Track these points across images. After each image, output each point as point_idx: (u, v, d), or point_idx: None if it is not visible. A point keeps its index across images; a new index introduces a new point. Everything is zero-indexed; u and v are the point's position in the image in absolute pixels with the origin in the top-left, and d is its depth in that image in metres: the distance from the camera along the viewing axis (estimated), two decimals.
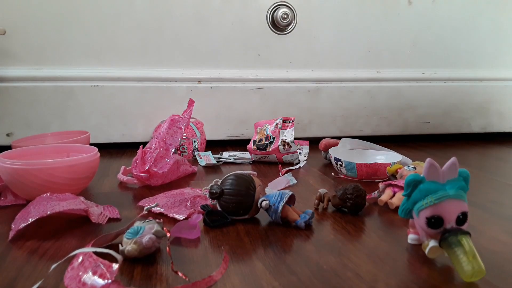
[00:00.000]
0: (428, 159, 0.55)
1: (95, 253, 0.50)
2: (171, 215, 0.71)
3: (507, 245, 0.62)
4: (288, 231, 0.67)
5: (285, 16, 1.38)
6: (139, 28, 1.31)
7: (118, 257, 0.47)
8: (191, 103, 1.00)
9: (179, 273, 0.51)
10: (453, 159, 0.55)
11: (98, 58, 1.32)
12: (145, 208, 0.64)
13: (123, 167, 0.99)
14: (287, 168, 1.09)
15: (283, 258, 0.57)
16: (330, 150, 1.07)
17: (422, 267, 0.55)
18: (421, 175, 0.82)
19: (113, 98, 1.34)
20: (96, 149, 0.87)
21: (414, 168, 0.84)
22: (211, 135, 1.40)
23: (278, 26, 1.40)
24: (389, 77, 1.51)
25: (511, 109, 1.63)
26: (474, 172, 0.85)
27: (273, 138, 1.16)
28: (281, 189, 0.90)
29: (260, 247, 0.60)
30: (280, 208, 0.68)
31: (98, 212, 0.69)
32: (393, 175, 0.92)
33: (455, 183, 0.55)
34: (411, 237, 0.62)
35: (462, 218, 0.53)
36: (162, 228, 0.57)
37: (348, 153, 1.09)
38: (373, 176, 0.98)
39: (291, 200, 0.72)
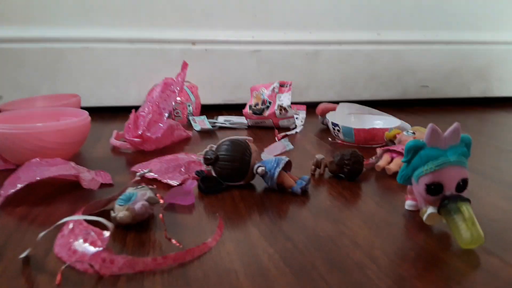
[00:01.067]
0: (430, 125, 0.53)
1: (86, 220, 0.49)
2: (165, 181, 0.69)
3: (506, 212, 0.62)
4: (284, 197, 0.66)
5: None
6: None
7: (109, 225, 0.45)
8: (185, 65, 0.96)
9: (173, 240, 0.50)
10: (455, 124, 0.53)
11: (88, 17, 1.26)
12: (137, 174, 0.62)
13: (115, 131, 0.97)
14: (283, 133, 1.07)
15: (278, 224, 0.56)
16: (327, 115, 1.05)
17: (419, 234, 0.54)
18: (421, 140, 0.80)
19: (104, 60, 1.29)
20: (87, 113, 0.84)
21: (413, 133, 0.83)
22: (206, 99, 1.37)
23: None
24: (389, 40, 1.46)
25: (511, 74, 1.60)
26: (473, 137, 0.84)
27: (270, 103, 1.13)
28: (277, 155, 0.89)
29: (256, 214, 0.59)
30: (276, 174, 0.66)
31: (89, 178, 0.68)
32: (391, 141, 0.91)
33: (457, 149, 0.53)
34: (408, 203, 0.61)
35: (462, 185, 0.52)
36: (155, 195, 0.56)
37: (346, 118, 1.07)
38: (370, 142, 0.96)
39: (287, 166, 0.71)
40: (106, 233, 0.46)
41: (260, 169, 0.67)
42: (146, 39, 1.30)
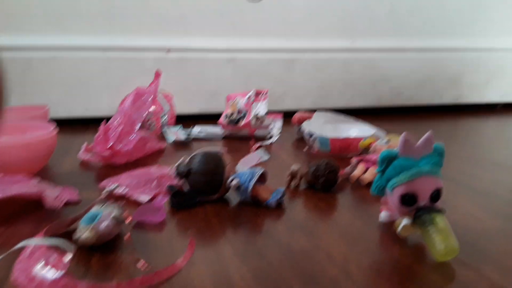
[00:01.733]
0: (403, 134, 0.52)
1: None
2: (134, 196, 0.67)
3: (479, 220, 0.62)
4: (259, 211, 0.64)
5: None
6: None
7: (69, 248, 0.43)
8: (157, 75, 0.94)
9: (140, 262, 0.47)
10: (428, 133, 0.53)
11: (58, 24, 1.22)
12: (104, 190, 0.60)
13: (85, 144, 0.94)
14: (259, 144, 1.06)
15: (253, 240, 0.54)
16: (303, 124, 1.04)
17: (394, 246, 0.53)
18: (395, 149, 0.80)
19: (75, 69, 1.25)
20: (54, 125, 0.81)
21: (388, 142, 0.83)
22: (182, 109, 1.35)
23: None
24: (364, 47, 1.48)
25: (482, 80, 1.64)
26: (446, 143, 0.85)
27: (245, 112, 1.12)
28: (252, 166, 0.87)
29: (229, 229, 0.58)
30: (250, 187, 0.65)
31: (53, 195, 0.64)
32: (366, 149, 0.91)
33: (430, 158, 0.53)
34: (383, 215, 0.61)
35: (436, 195, 0.52)
36: (123, 212, 0.53)
37: (322, 127, 1.07)
38: (346, 151, 0.96)
39: (262, 178, 0.69)
40: (66, 257, 0.43)
41: (234, 182, 0.65)
42: (119, 47, 1.27)
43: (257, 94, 1.14)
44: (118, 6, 1.24)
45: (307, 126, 1.02)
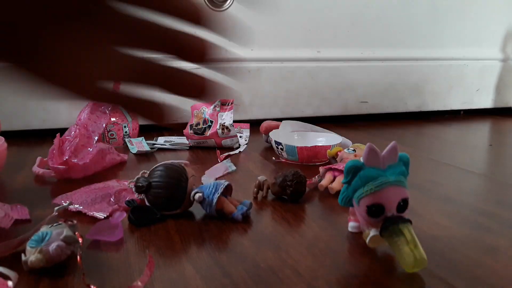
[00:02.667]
0: (368, 144, 0.51)
1: None
2: (90, 213, 0.62)
3: (446, 228, 0.62)
4: (224, 225, 0.61)
5: None
6: None
7: (12, 274, 0.38)
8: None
9: (92, 287, 0.43)
10: (393, 143, 0.52)
11: None
12: (55, 209, 0.55)
13: (39, 158, 0.88)
14: (226, 154, 1.03)
15: (216, 258, 0.52)
16: (270, 134, 1.03)
17: (363, 258, 0.52)
18: (361, 157, 0.80)
19: None
20: (3, 139, 0.75)
21: (354, 150, 0.82)
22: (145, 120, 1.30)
23: (214, 1, 1.31)
24: (329, 57, 1.49)
25: (444, 88, 1.69)
26: (411, 151, 0.86)
27: (211, 122, 1.09)
28: (219, 177, 0.84)
29: (192, 247, 0.55)
30: (215, 200, 0.62)
31: (1, 215, 0.59)
32: (334, 158, 0.90)
33: (395, 168, 0.52)
34: (351, 225, 0.59)
35: (403, 205, 0.51)
36: (74, 232, 0.49)
37: (289, 136, 1.06)
38: (314, 159, 0.95)
39: (227, 191, 0.67)
40: (10, 283, 0.39)
41: (197, 196, 0.62)
42: None
43: (223, 103, 1.12)
44: None
45: (274, 136, 1.01)
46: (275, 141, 0.98)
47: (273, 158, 1.00)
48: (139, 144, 1.06)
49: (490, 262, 0.51)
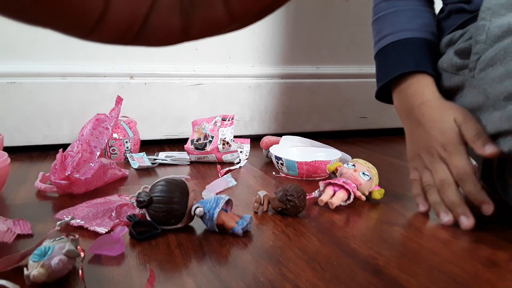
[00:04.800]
0: None
1: None
2: (92, 228, 0.63)
3: (444, 242, 0.62)
4: (224, 239, 0.62)
5: None
6: None
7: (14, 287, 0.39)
8: (119, 100, 0.91)
9: None
10: None
11: (15, 51, 1.18)
12: (57, 223, 0.56)
13: (41, 173, 0.89)
14: (226, 169, 1.04)
15: (217, 272, 0.52)
16: (270, 149, 1.04)
17: (363, 273, 0.52)
18: (360, 172, 0.80)
19: (33, 95, 1.20)
20: (6, 154, 0.76)
21: (353, 165, 0.83)
22: (147, 135, 1.31)
23: None
24: (328, 73, 1.51)
25: None
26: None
27: (212, 137, 1.11)
28: (219, 192, 0.85)
29: (193, 261, 0.55)
30: (215, 215, 0.62)
31: (3, 229, 0.60)
32: (333, 173, 0.91)
33: None
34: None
35: None
36: (76, 247, 0.50)
37: (289, 151, 1.07)
38: (313, 174, 0.95)
39: (228, 205, 0.67)
40: None
41: (198, 210, 0.63)
42: (79, 73, 1.23)
43: (224, 119, 1.13)
44: None
45: (274, 151, 1.02)
46: (275, 156, 0.99)
47: (273, 173, 1.01)
48: (140, 159, 1.07)
49: (489, 275, 0.52)
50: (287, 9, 1.42)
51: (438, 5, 0.91)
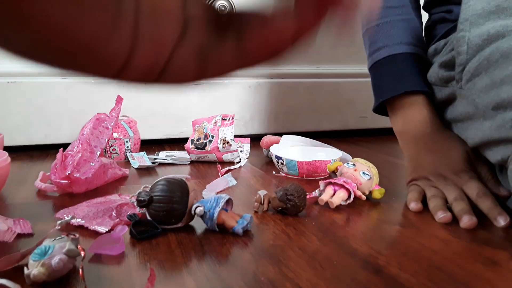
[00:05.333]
0: None
1: None
2: (92, 227, 0.63)
3: (445, 241, 0.62)
4: (225, 238, 0.62)
5: (223, 8, 1.32)
6: None
7: (14, 287, 0.39)
8: (119, 100, 0.92)
9: None
10: None
11: None
12: (58, 222, 0.56)
13: (41, 172, 0.89)
14: (227, 168, 1.04)
15: (217, 271, 0.52)
16: (271, 148, 1.04)
17: (363, 272, 0.52)
18: (360, 171, 0.80)
19: (33, 95, 1.21)
20: (6, 154, 0.76)
21: (354, 165, 0.83)
22: (147, 134, 1.31)
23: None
24: (328, 73, 1.51)
25: None
26: None
27: (212, 137, 1.11)
28: (220, 191, 0.85)
29: (193, 260, 0.55)
30: (215, 214, 0.62)
31: (4, 229, 0.60)
32: (334, 172, 0.91)
33: None
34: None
35: None
36: (77, 246, 0.50)
37: (289, 151, 1.07)
38: (314, 174, 0.95)
39: (228, 205, 0.67)
40: None
41: (198, 210, 0.63)
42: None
43: (224, 118, 1.13)
44: None
45: (274, 150, 1.02)
46: (275, 156, 0.99)
47: (274, 172, 1.01)
48: (140, 159, 1.07)
49: (489, 275, 0.52)
50: None
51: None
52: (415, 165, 0.81)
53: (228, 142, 1.08)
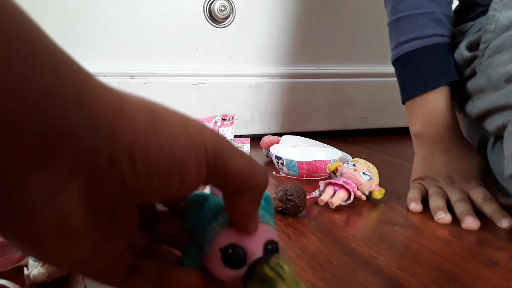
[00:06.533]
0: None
1: None
2: None
3: (445, 241, 0.62)
4: None
5: (223, 8, 1.32)
6: (61, 18, 1.19)
7: (14, 287, 0.39)
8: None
9: None
10: None
11: None
12: None
13: None
14: None
15: None
16: (270, 148, 1.04)
17: (363, 273, 0.52)
18: (360, 172, 0.80)
19: None
20: None
21: (354, 165, 0.83)
22: None
23: (215, 18, 1.34)
24: (328, 73, 1.51)
25: None
26: (410, 166, 0.87)
27: None
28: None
29: None
30: None
31: None
32: (334, 173, 0.91)
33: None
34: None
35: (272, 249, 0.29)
36: None
37: (289, 151, 1.07)
38: (314, 174, 0.95)
39: None
40: None
41: None
42: None
43: (224, 118, 1.13)
44: (77, 32, 1.22)
45: (274, 150, 1.02)
46: (275, 156, 0.99)
47: (274, 172, 1.01)
48: None
49: (489, 275, 0.52)
50: (287, 9, 1.42)
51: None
52: (426, 165, 0.81)
53: None
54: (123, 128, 0.20)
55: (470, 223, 0.66)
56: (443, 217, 0.69)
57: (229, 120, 1.13)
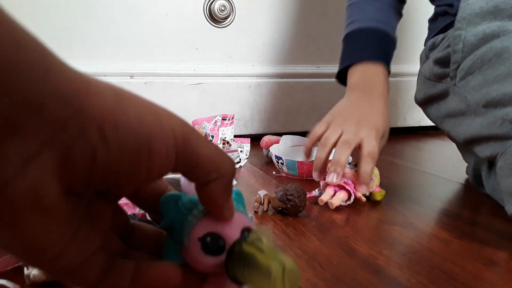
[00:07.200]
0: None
1: None
2: None
3: (444, 241, 0.62)
4: None
5: (223, 8, 1.32)
6: (62, 18, 1.19)
7: (14, 287, 0.39)
8: None
9: None
10: None
11: None
12: None
13: None
14: None
15: None
16: (270, 148, 1.04)
17: (363, 273, 0.52)
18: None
19: None
20: None
21: (355, 165, 0.83)
22: None
23: (215, 18, 1.34)
24: (328, 73, 1.51)
25: None
26: (410, 166, 0.87)
27: (212, 137, 1.11)
28: None
29: None
30: None
31: None
32: None
33: None
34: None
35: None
36: None
37: (289, 151, 1.07)
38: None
39: None
40: None
41: None
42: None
43: (224, 118, 1.13)
44: (77, 31, 1.21)
45: (274, 150, 1.02)
46: (275, 156, 0.99)
47: (274, 172, 1.01)
48: None
49: (489, 275, 0.52)
50: (287, 8, 1.42)
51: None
52: (344, 105, 0.88)
53: (228, 142, 1.08)
54: (91, 103, 0.20)
55: (331, 179, 0.73)
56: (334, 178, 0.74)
57: (229, 120, 1.13)
